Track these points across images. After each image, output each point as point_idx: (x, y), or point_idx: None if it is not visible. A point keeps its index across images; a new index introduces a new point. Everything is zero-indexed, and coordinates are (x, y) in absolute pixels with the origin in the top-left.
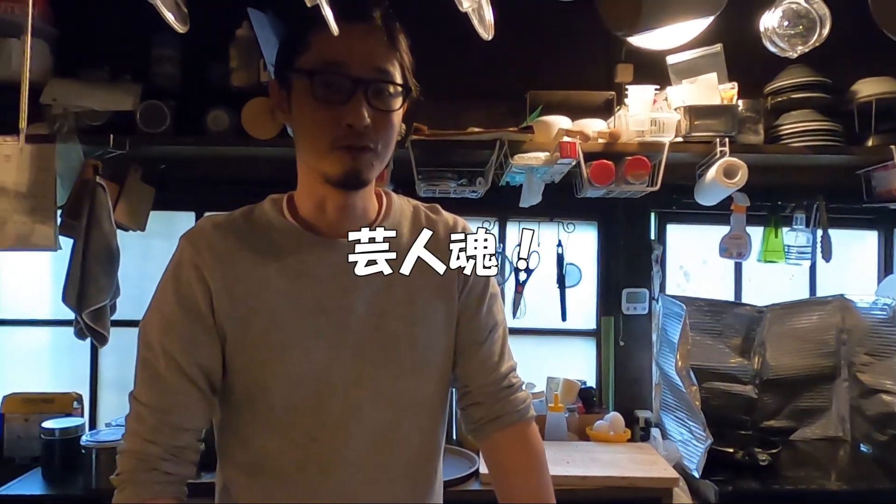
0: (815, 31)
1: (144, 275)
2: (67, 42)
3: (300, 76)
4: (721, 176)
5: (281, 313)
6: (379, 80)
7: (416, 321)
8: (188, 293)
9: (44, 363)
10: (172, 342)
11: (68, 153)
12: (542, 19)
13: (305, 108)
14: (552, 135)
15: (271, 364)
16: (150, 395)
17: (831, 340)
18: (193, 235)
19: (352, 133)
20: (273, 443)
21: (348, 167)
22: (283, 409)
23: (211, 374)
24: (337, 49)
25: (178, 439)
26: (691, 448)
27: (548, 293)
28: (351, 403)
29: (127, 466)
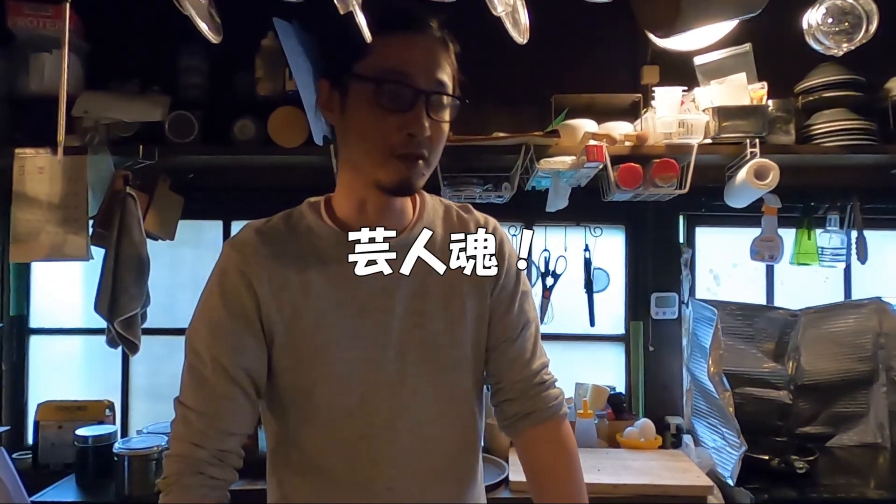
0: (861, 28)
1: (174, 283)
2: (98, 55)
3: (362, 81)
4: (752, 177)
5: (325, 315)
6: (439, 92)
7: (453, 320)
8: (235, 299)
9: (76, 371)
10: (220, 348)
11: (99, 164)
12: (566, 22)
13: (365, 113)
14: (578, 138)
15: (317, 365)
16: (197, 400)
17: (868, 344)
18: (238, 243)
19: (411, 142)
20: (322, 442)
21: (402, 176)
22: (330, 409)
23: (257, 378)
24: (400, 58)
25: (224, 443)
26: (725, 455)
27: (575, 298)
28: (396, 402)
29: (173, 470)
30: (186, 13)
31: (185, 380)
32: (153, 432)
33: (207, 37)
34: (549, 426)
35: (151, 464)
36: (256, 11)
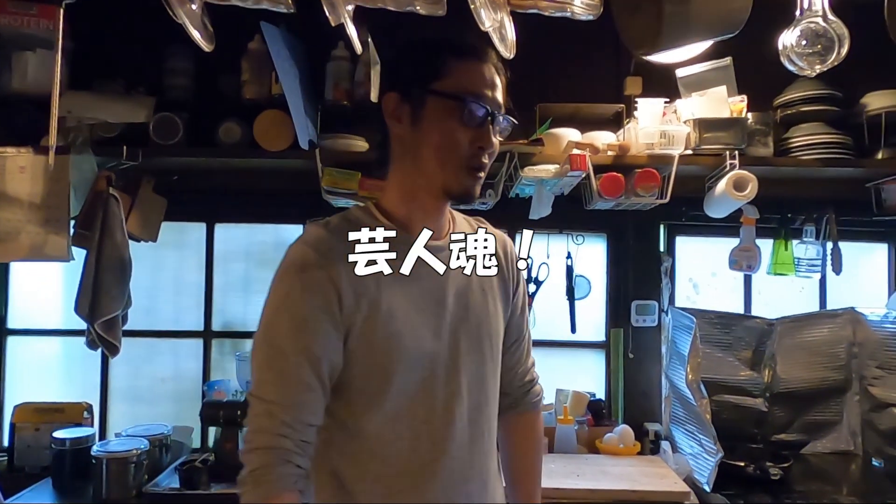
0: (833, 51)
1: (156, 285)
2: (82, 55)
3: (444, 98)
4: (731, 188)
5: (397, 306)
6: (504, 113)
7: (489, 315)
8: (319, 294)
9: (55, 373)
10: (305, 342)
11: (82, 164)
12: (552, 33)
13: (442, 126)
14: (562, 147)
15: (393, 353)
16: (280, 393)
17: (842, 353)
18: (314, 241)
19: (480, 154)
20: (388, 428)
21: (469, 184)
22: (398, 394)
23: (335, 370)
24: (476, 81)
25: (306, 434)
26: (702, 461)
27: (557, 305)
28: (451, 387)
29: (262, 461)
30: (180, 22)
31: (265, 376)
32: (132, 435)
33: (200, 45)
34: (529, 416)
35: (130, 467)
36: (244, 14)
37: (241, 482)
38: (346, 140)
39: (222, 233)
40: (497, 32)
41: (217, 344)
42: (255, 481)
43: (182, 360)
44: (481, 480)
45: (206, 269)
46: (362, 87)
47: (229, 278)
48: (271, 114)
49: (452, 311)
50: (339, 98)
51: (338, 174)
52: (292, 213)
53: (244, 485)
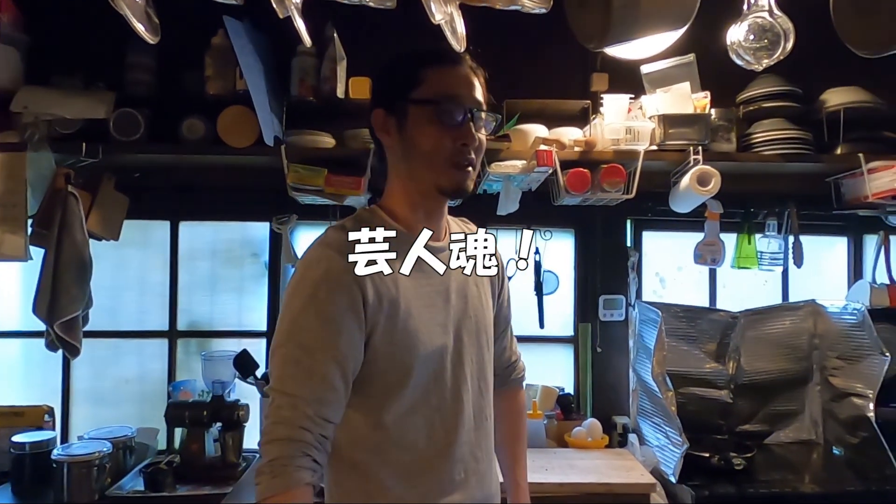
0: (779, 45)
1: (118, 285)
2: (39, 49)
3: (422, 104)
4: (695, 183)
5: (413, 304)
6: (482, 109)
7: (485, 308)
8: (347, 294)
9: (14, 376)
10: (334, 341)
11: (39, 162)
12: (518, 29)
13: (426, 131)
14: (529, 143)
15: (413, 348)
16: (304, 388)
17: (804, 345)
18: (337, 243)
19: (464, 150)
20: (406, 419)
21: (459, 180)
22: (416, 387)
23: (357, 368)
24: (450, 83)
25: (326, 430)
26: (668, 453)
27: (525, 300)
28: (458, 376)
29: (282, 452)
30: (122, 13)
31: (289, 371)
32: (95, 438)
33: (144, 37)
34: (512, 391)
35: (92, 470)
36: (207, 8)
37: (259, 472)
38: (312, 136)
39: (187, 231)
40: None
41: (182, 344)
42: (273, 472)
43: (147, 360)
44: (487, 459)
45: (170, 268)
46: (328, 83)
47: (194, 277)
48: (235, 110)
49: (455, 307)
50: (304, 94)
51: (304, 171)
52: (258, 210)
53: (261, 475)
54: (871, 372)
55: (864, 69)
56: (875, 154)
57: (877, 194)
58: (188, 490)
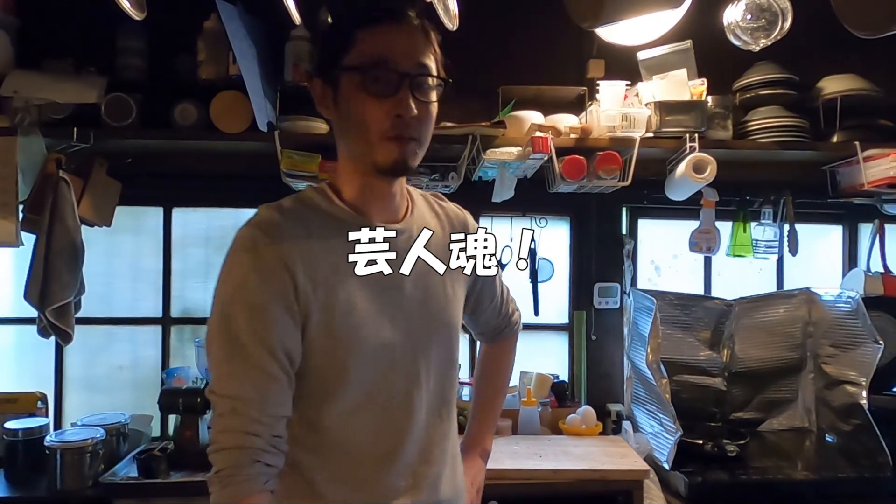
0: (777, 25)
1: (111, 272)
2: (29, 32)
3: (349, 73)
4: (690, 171)
5: (356, 295)
6: (421, 73)
7: (448, 299)
8: (275, 281)
9: (7, 362)
10: (265, 331)
11: (30, 146)
12: (514, 14)
13: (356, 102)
14: (524, 130)
15: (352, 344)
16: (244, 387)
17: (798, 333)
18: (266, 224)
19: (400, 123)
20: (348, 420)
21: (396, 156)
22: (359, 386)
23: (295, 360)
24: (383, 46)
25: (276, 429)
26: (662, 440)
27: (520, 288)
28: (411, 375)
29: (230, 461)
30: None
31: (225, 369)
32: (88, 424)
33: (129, 13)
34: (506, 341)
35: (86, 457)
36: None
37: (209, 482)
38: (306, 122)
39: (180, 217)
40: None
41: (176, 331)
42: (221, 482)
43: (140, 347)
44: (442, 462)
45: (163, 255)
46: None
47: (188, 264)
48: (229, 95)
49: (411, 297)
50: (298, 79)
51: (297, 157)
52: (251, 196)
53: (212, 485)
54: (864, 360)
55: (860, 57)
56: (871, 142)
57: (872, 182)
58: (182, 476)
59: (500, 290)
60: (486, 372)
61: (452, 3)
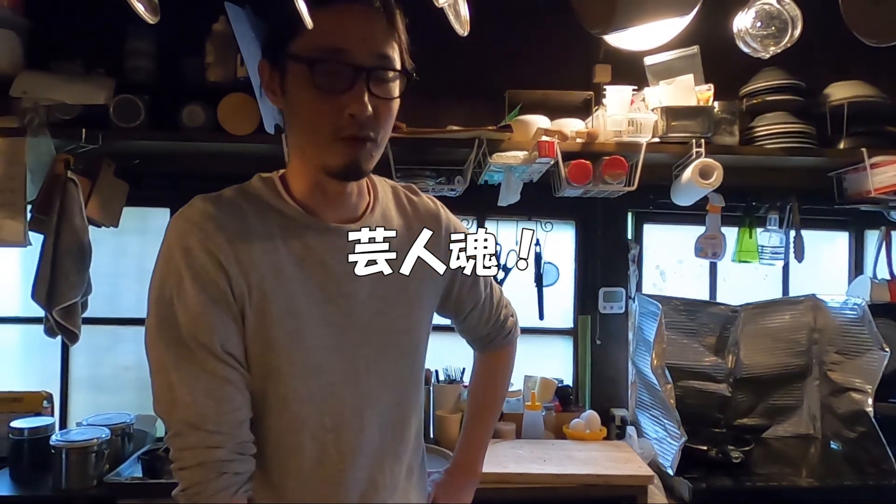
0: (787, 32)
1: (118, 272)
2: (39, 33)
3: (297, 62)
4: (697, 176)
5: (295, 300)
6: (381, 67)
7: (411, 304)
8: (209, 280)
9: (13, 361)
10: (209, 334)
11: (39, 147)
12: (521, 19)
13: (303, 96)
14: (531, 134)
15: (286, 353)
16: (196, 395)
17: (803, 339)
18: (196, 217)
19: (353, 123)
20: (290, 437)
21: (349, 159)
22: (298, 401)
23: (243, 362)
24: (336, 34)
25: (239, 434)
26: (666, 446)
27: (525, 292)
28: (362, 389)
29: (195, 478)
30: None
31: (172, 377)
32: (94, 424)
33: (143, 17)
34: (500, 350)
35: (90, 456)
36: None
37: (176, 498)
38: None
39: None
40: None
41: None
42: (188, 499)
43: None
44: (393, 486)
45: None
46: None
47: None
48: (236, 97)
49: (366, 304)
50: None
51: None
52: None
53: (178, 500)
54: (870, 367)
55: (867, 63)
56: (878, 149)
57: (879, 189)
58: None
59: (488, 294)
60: (477, 387)
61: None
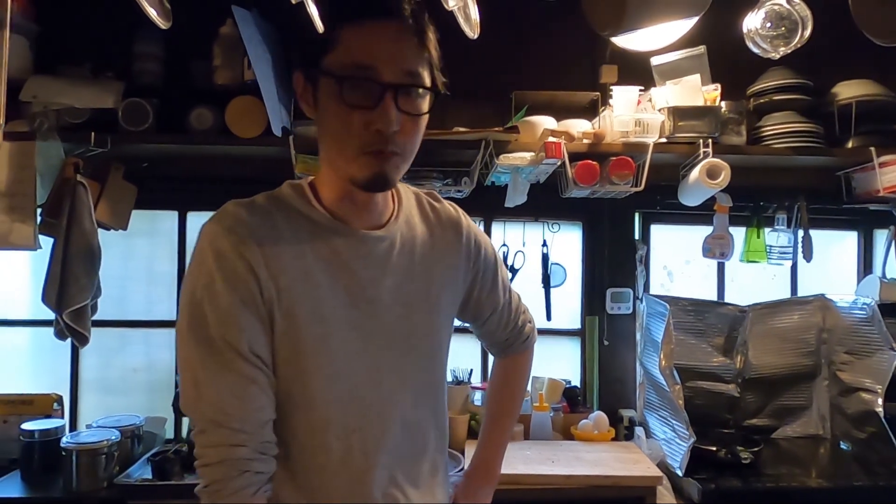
0: (797, 33)
1: (126, 275)
2: (48, 38)
3: (328, 77)
4: (704, 176)
5: (323, 305)
6: (409, 84)
7: (432, 309)
8: (241, 282)
9: (23, 364)
10: (237, 334)
11: (48, 151)
12: (527, 20)
13: (333, 110)
14: (537, 135)
15: (313, 356)
16: (222, 395)
17: (812, 339)
18: (230, 222)
19: (380, 138)
20: (317, 438)
21: (375, 171)
22: (326, 402)
23: (269, 364)
24: (366, 50)
25: (263, 434)
26: (675, 446)
27: (533, 293)
28: (385, 392)
29: (216, 475)
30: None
31: (200, 376)
32: (104, 426)
33: (156, 22)
34: (519, 355)
35: (101, 458)
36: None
37: (198, 494)
38: None
39: (195, 221)
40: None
41: None
42: (210, 497)
43: (154, 349)
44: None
45: (178, 258)
46: None
47: None
48: (244, 100)
49: (389, 308)
50: None
51: (312, 161)
52: None
53: (200, 496)
54: (879, 367)
55: (875, 62)
56: (886, 148)
57: (888, 188)
58: (196, 478)
59: (507, 299)
60: (496, 391)
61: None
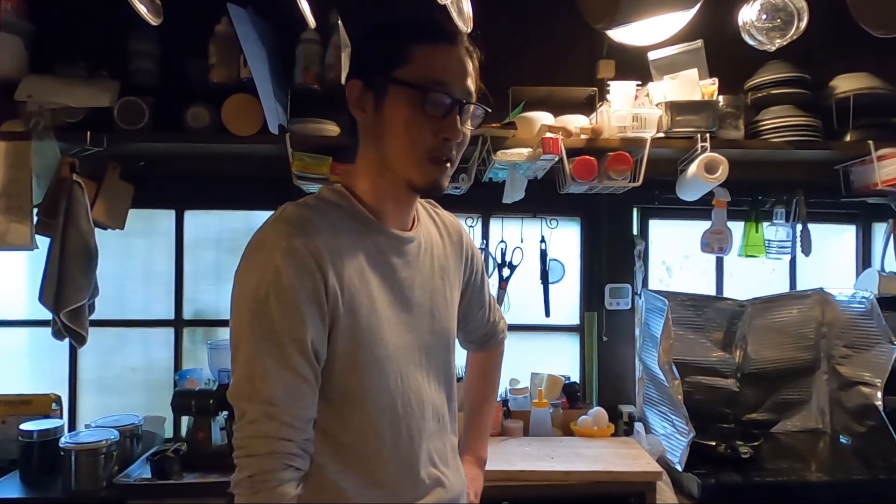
0: (792, 25)
1: (124, 274)
2: (43, 37)
3: (405, 87)
4: (702, 171)
5: (377, 300)
6: (470, 101)
7: (448, 305)
8: (308, 280)
9: (21, 364)
10: (299, 331)
11: (44, 151)
12: (524, 15)
13: (405, 117)
14: (535, 131)
15: (371, 348)
16: (276, 389)
17: (811, 334)
18: (295, 220)
19: (445, 145)
20: (371, 425)
21: (434, 178)
22: (378, 392)
23: (322, 363)
24: (440, 68)
25: (307, 431)
26: (674, 442)
27: (531, 289)
28: (422, 379)
29: (262, 466)
30: None
31: (257, 370)
32: (102, 426)
33: (147, 19)
34: (495, 348)
35: (100, 458)
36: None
37: (237, 484)
38: (317, 124)
39: (192, 220)
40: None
41: (188, 332)
42: (252, 488)
43: (153, 349)
44: (445, 462)
45: (175, 257)
46: (333, 71)
47: (200, 266)
48: (240, 98)
49: (419, 303)
50: (309, 82)
51: (309, 159)
52: (263, 199)
53: (239, 487)
54: (879, 361)
55: (873, 55)
56: (885, 141)
57: (886, 182)
58: (195, 478)
59: (488, 298)
60: (475, 380)
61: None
